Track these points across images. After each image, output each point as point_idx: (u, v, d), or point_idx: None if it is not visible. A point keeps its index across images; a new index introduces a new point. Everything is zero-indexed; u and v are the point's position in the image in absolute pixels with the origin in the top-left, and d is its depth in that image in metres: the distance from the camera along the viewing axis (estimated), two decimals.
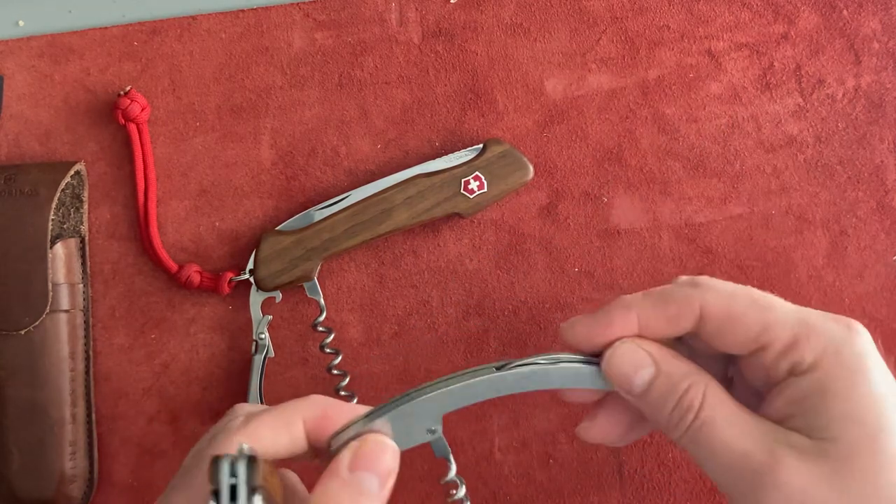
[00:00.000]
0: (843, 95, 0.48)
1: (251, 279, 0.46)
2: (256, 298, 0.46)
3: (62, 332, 0.46)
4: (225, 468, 0.29)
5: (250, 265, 0.46)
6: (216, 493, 0.28)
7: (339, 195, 0.47)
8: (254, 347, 0.46)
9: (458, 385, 0.35)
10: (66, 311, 0.46)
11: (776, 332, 0.33)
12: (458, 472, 0.37)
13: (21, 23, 0.50)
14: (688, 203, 0.47)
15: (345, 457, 0.33)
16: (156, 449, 0.47)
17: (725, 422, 0.33)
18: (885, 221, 0.47)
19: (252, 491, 0.28)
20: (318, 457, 0.35)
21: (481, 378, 0.35)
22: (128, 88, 0.47)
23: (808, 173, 0.48)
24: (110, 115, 0.48)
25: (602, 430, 0.37)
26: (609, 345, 0.35)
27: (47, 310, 0.45)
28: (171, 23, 0.49)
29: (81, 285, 0.47)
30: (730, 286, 0.35)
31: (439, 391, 0.35)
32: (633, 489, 0.46)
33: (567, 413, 0.47)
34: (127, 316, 0.48)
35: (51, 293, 0.45)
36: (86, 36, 0.49)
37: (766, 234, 0.47)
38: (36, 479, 0.45)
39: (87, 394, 0.47)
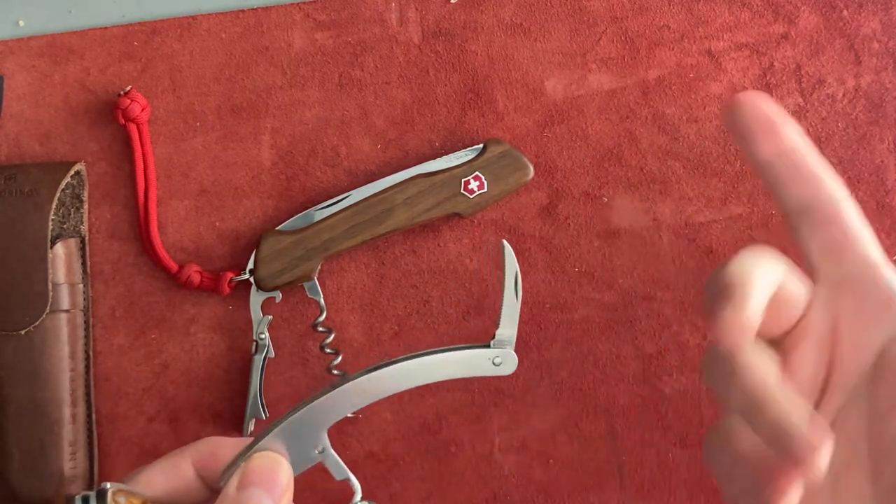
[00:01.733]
0: (843, 95, 0.48)
1: (251, 279, 0.46)
2: (256, 298, 0.46)
3: (62, 332, 0.46)
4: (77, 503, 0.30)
5: (250, 265, 0.46)
6: None
7: (339, 195, 0.47)
8: (254, 347, 0.46)
9: (328, 395, 0.34)
10: (66, 311, 0.46)
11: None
12: (365, 497, 0.35)
13: (21, 23, 0.50)
14: (688, 203, 0.48)
15: (233, 479, 0.33)
16: (156, 449, 0.47)
17: None
18: (885, 221, 0.47)
19: None
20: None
21: (353, 382, 0.34)
22: (128, 88, 0.47)
23: None
24: (110, 115, 0.48)
25: None
26: None
27: (47, 310, 0.45)
28: (171, 23, 0.49)
29: (81, 285, 0.47)
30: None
31: (306, 406, 0.34)
32: (633, 489, 0.46)
33: (567, 413, 0.47)
34: (127, 316, 0.48)
35: (51, 293, 0.45)
36: (86, 36, 0.49)
37: (766, 234, 0.47)
38: (36, 479, 0.45)
39: (87, 394, 0.47)
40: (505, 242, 0.35)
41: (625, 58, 0.48)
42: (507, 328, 0.35)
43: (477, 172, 0.46)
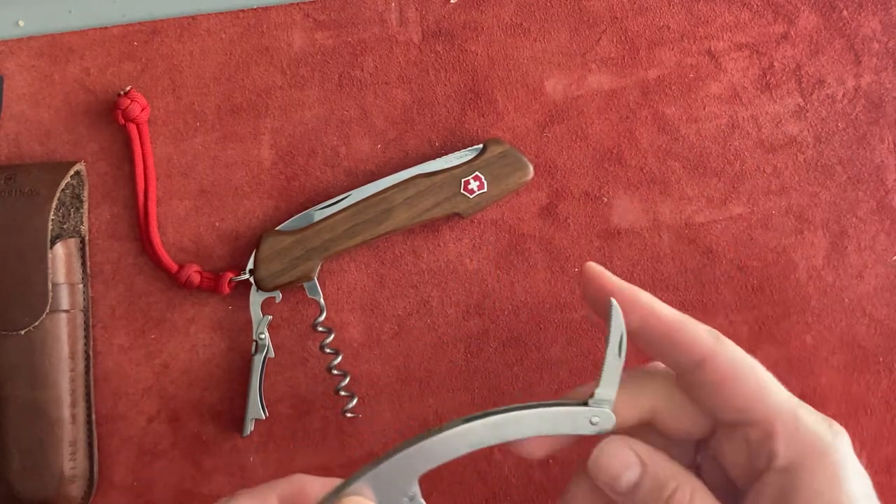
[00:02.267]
0: (843, 95, 0.48)
1: (251, 279, 0.46)
2: (256, 298, 0.46)
3: (62, 332, 0.46)
4: None
5: (250, 265, 0.46)
6: None
7: (339, 195, 0.47)
8: (254, 347, 0.46)
9: (423, 443, 0.34)
10: (66, 311, 0.46)
11: (766, 411, 0.33)
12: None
13: (21, 23, 0.50)
14: (688, 203, 0.48)
15: None
16: (156, 449, 0.47)
17: None
18: (885, 221, 0.47)
19: None
20: None
21: (448, 432, 0.34)
22: (128, 88, 0.47)
23: (808, 173, 0.48)
24: (110, 115, 0.48)
25: None
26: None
27: (47, 310, 0.45)
28: (171, 23, 0.49)
29: (81, 285, 0.47)
30: (740, 353, 0.34)
31: (409, 449, 0.34)
32: None
33: None
34: (127, 316, 0.48)
35: (51, 293, 0.45)
36: (86, 36, 0.49)
37: (766, 234, 0.47)
38: (36, 479, 0.45)
39: (87, 394, 0.47)
40: (613, 301, 0.34)
41: (625, 58, 0.48)
42: (608, 388, 0.34)
43: (477, 172, 0.46)
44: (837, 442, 0.33)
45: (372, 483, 0.33)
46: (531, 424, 0.35)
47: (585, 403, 0.35)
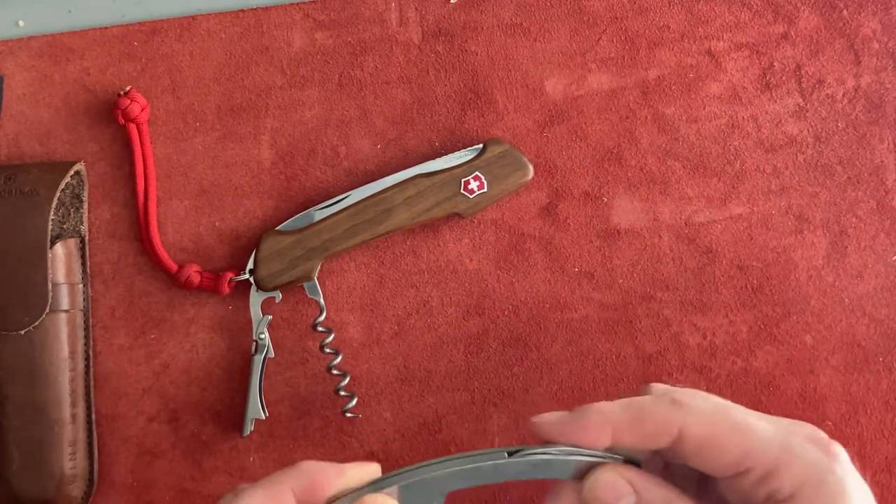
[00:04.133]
0: (843, 95, 0.48)
1: (251, 279, 0.46)
2: (256, 298, 0.46)
3: (62, 332, 0.46)
4: None
5: (250, 265, 0.46)
6: None
7: (339, 195, 0.47)
8: (254, 347, 0.46)
9: (466, 466, 0.35)
10: (66, 311, 0.46)
11: (756, 459, 0.33)
12: None
13: (21, 23, 0.50)
14: (688, 203, 0.47)
15: None
16: (156, 449, 0.47)
17: None
18: (885, 221, 0.47)
19: None
20: None
21: (490, 462, 0.35)
22: (128, 88, 0.47)
23: (808, 173, 0.48)
24: (110, 115, 0.48)
25: None
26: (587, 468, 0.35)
27: (47, 310, 0.45)
28: (171, 23, 0.49)
29: (81, 285, 0.47)
30: (710, 405, 0.34)
31: (447, 470, 0.35)
32: None
33: None
34: (127, 316, 0.48)
35: (50, 293, 0.45)
36: (86, 36, 0.49)
37: (766, 234, 0.47)
38: (36, 479, 0.45)
39: (87, 394, 0.47)
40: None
41: (625, 58, 0.48)
42: None
43: (477, 172, 0.46)
44: (834, 465, 0.32)
45: (401, 489, 0.34)
46: (564, 468, 0.35)
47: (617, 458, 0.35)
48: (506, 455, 0.35)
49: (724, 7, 0.48)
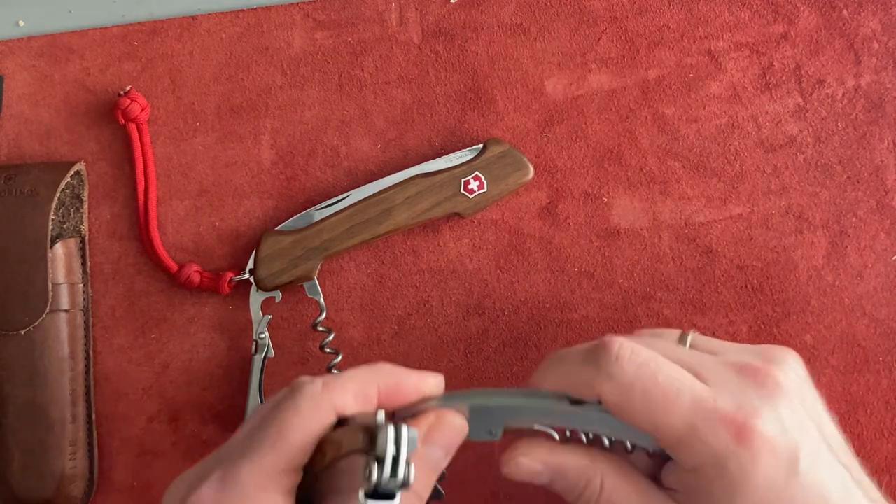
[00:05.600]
0: (843, 95, 0.48)
1: (251, 279, 0.46)
2: (256, 298, 0.46)
3: (62, 332, 0.46)
4: (391, 437, 0.30)
5: (250, 265, 0.46)
6: (379, 461, 0.30)
7: (339, 195, 0.47)
8: (254, 347, 0.46)
9: (535, 402, 0.36)
10: (66, 310, 0.46)
11: (664, 433, 0.34)
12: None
13: (21, 23, 0.50)
14: (688, 203, 0.47)
15: (420, 430, 0.34)
16: (156, 449, 0.47)
17: None
18: (885, 221, 0.47)
19: (408, 462, 0.30)
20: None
21: (556, 405, 0.36)
22: (128, 88, 0.47)
23: (808, 173, 0.48)
24: (110, 115, 0.48)
25: None
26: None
27: (47, 310, 0.45)
28: (171, 23, 0.49)
29: (81, 285, 0.47)
30: (633, 368, 0.34)
31: (512, 400, 0.36)
32: None
33: None
34: (127, 316, 0.48)
35: (51, 293, 0.45)
36: (86, 36, 0.49)
37: (766, 234, 0.47)
38: (36, 479, 0.45)
39: (87, 394, 0.47)
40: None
41: (625, 58, 0.48)
42: None
43: (477, 172, 0.46)
44: (739, 451, 0.33)
45: (470, 409, 0.35)
46: (621, 431, 0.35)
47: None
48: (568, 402, 0.35)
49: (724, 7, 0.48)
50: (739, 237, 0.47)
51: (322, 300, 0.46)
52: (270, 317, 0.47)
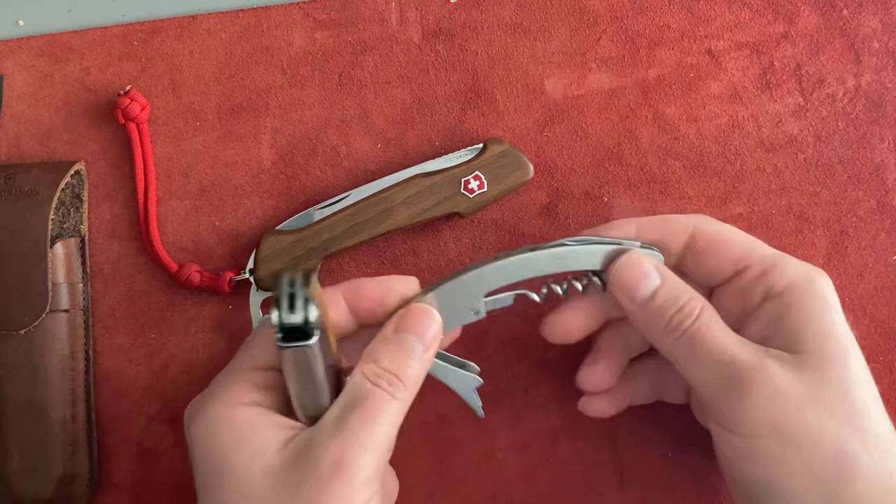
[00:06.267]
0: (844, 95, 0.48)
1: (251, 279, 0.46)
2: (256, 298, 0.46)
3: (62, 331, 0.46)
4: (285, 279, 0.32)
5: (250, 265, 0.46)
6: (277, 301, 0.31)
7: (339, 195, 0.47)
8: None
9: (494, 263, 0.38)
10: (66, 310, 0.46)
11: (757, 256, 0.38)
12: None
13: (21, 23, 0.50)
14: (688, 203, 0.47)
15: (390, 322, 0.37)
16: (156, 449, 0.47)
17: (721, 329, 0.37)
18: (885, 221, 0.47)
19: (307, 300, 0.31)
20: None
21: (517, 256, 0.38)
22: (128, 88, 0.47)
23: (808, 173, 0.48)
24: (110, 115, 0.48)
25: (601, 377, 0.42)
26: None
27: (47, 309, 0.45)
28: (171, 23, 0.49)
29: (81, 285, 0.47)
30: (718, 223, 0.40)
31: (475, 270, 0.38)
32: (633, 489, 0.46)
33: (568, 413, 0.47)
34: (127, 316, 0.48)
35: (50, 293, 0.45)
36: (86, 36, 0.49)
37: (766, 234, 0.47)
38: (36, 479, 0.45)
39: (87, 394, 0.47)
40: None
41: (625, 57, 0.48)
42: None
43: (477, 172, 0.46)
44: (821, 279, 0.38)
45: (438, 297, 0.38)
46: (589, 258, 0.39)
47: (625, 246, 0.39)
48: (528, 251, 0.38)
49: (724, 6, 0.48)
50: None
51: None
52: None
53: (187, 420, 0.37)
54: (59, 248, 0.46)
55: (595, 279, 0.40)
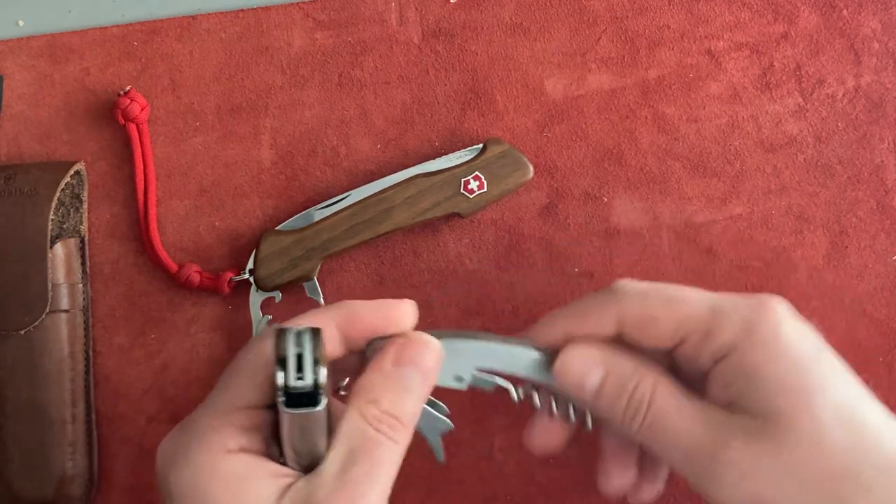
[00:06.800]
0: (843, 95, 0.48)
1: (251, 279, 0.46)
2: (256, 298, 0.46)
3: (62, 332, 0.46)
4: (291, 337, 0.29)
5: (250, 265, 0.46)
6: (282, 362, 0.29)
7: (339, 195, 0.47)
8: None
9: (510, 349, 0.36)
10: (66, 311, 0.46)
11: (690, 326, 0.35)
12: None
13: (21, 23, 0.50)
14: (688, 203, 0.47)
15: (389, 351, 0.34)
16: (156, 449, 0.47)
17: (676, 413, 0.34)
18: (885, 221, 0.47)
19: (317, 361, 0.29)
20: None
21: (524, 350, 0.36)
22: (127, 88, 0.47)
23: (808, 173, 0.48)
24: (110, 115, 0.48)
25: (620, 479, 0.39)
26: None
27: (47, 310, 0.45)
28: (171, 23, 0.49)
29: (81, 285, 0.47)
30: (643, 287, 0.36)
31: (493, 345, 0.36)
32: None
33: None
34: (127, 316, 0.48)
35: (50, 293, 0.45)
36: (86, 36, 0.49)
37: (766, 234, 0.47)
38: (36, 479, 0.45)
39: (87, 394, 0.47)
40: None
41: (625, 58, 0.48)
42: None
43: (477, 172, 0.46)
44: (765, 314, 0.34)
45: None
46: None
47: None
48: (545, 354, 0.36)
49: (724, 7, 0.48)
50: (739, 237, 0.47)
51: (322, 300, 0.46)
52: (270, 317, 0.47)
53: (164, 466, 0.33)
54: (58, 248, 0.46)
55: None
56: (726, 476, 0.33)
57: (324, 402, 0.29)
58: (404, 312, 0.35)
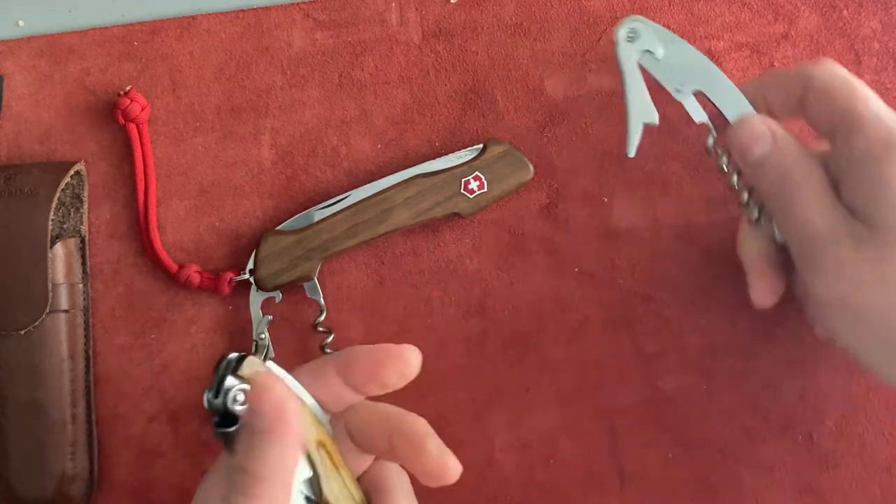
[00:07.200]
0: None
1: (251, 279, 0.46)
2: (256, 298, 0.46)
3: (62, 332, 0.46)
4: (222, 363, 0.32)
5: (250, 265, 0.46)
6: (210, 388, 0.32)
7: (339, 195, 0.47)
8: (254, 347, 0.46)
9: (724, 77, 0.43)
10: (66, 311, 0.46)
11: (850, 116, 0.38)
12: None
13: (21, 23, 0.50)
14: (688, 203, 0.47)
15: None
16: (156, 449, 0.47)
17: (816, 199, 0.38)
18: None
19: (228, 388, 0.31)
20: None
21: (740, 95, 0.42)
22: (128, 88, 0.47)
23: None
24: (110, 115, 0.48)
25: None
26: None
27: (47, 310, 0.45)
28: (171, 23, 0.49)
29: (81, 285, 0.47)
30: (835, 75, 0.40)
31: (712, 65, 0.43)
32: (633, 489, 0.46)
33: (568, 413, 0.47)
34: (127, 316, 0.48)
35: (50, 293, 0.45)
36: (86, 36, 0.49)
37: None
38: (36, 479, 0.45)
39: (87, 394, 0.47)
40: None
41: None
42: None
43: (477, 172, 0.46)
44: None
45: None
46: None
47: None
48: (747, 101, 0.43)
49: (724, 7, 0.48)
50: None
51: (322, 300, 0.46)
52: (270, 317, 0.47)
53: None
54: (59, 248, 0.46)
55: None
56: (827, 269, 0.37)
57: (237, 425, 0.32)
58: (404, 356, 0.35)
